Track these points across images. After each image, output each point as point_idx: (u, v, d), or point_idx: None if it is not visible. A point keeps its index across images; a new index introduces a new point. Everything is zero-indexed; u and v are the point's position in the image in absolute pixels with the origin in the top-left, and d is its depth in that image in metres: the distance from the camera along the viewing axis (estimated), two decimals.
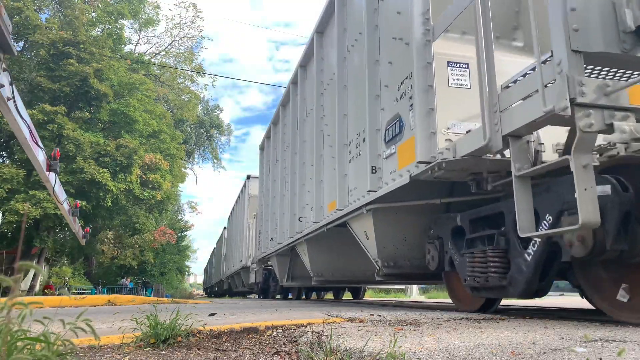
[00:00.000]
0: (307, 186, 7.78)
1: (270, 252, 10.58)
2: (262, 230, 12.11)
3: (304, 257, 8.21)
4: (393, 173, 4.48)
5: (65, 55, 20.51)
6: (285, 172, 9.50)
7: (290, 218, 8.65)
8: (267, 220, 11.46)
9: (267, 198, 11.56)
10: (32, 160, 7.67)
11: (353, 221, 5.76)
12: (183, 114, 32.62)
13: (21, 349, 1.53)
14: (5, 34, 4.62)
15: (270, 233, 10.68)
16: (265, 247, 11.54)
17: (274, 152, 11.11)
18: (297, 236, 8.08)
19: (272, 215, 10.72)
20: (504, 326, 3.08)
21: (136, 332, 2.77)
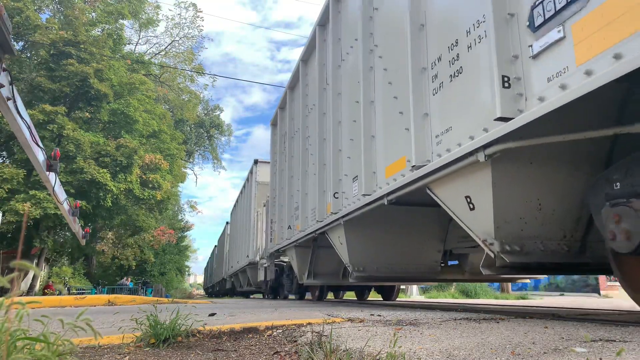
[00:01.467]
0: (345, 151, 6.04)
1: (287, 243, 9.16)
2: (276, 218, 10.59)
3: (339, 246, 6.48)
4: (561, 76, 2.55)
5: (65, 55, 20.52)
6: (309, 142, 7.91)
7: (317, 198, 7.04)
8: (282, 205, 10.03)
9: (281, 180, 10.12)
10: (32, 160, 7.67)
11: (441, 184, 3.81)
12: (183, 114, 32.65)
13: (21, 349, 1.53)
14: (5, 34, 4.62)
15: (287, 220, 9.24)
16: (279, 237, 10.10)
17: (290, 123, 9.53)
18: (330, 219, 6.39)
19: (289, 199, 9.21)
20: (504, 326, 3.08)
21: (136, 332, 2.77)
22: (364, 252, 6.18)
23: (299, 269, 8.84)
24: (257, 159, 16.34)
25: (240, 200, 20.38)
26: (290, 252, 9.33)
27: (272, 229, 11.17)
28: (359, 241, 6.16)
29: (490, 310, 5.55)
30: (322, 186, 6.89)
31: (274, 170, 11.24)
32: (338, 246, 6.51)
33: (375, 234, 6.14)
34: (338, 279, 8.51)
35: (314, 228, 7.22)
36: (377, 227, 6.10)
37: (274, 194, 11.05)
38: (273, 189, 11.16)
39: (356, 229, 6.10)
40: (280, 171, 10.38)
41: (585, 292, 20.58)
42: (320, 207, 6.89)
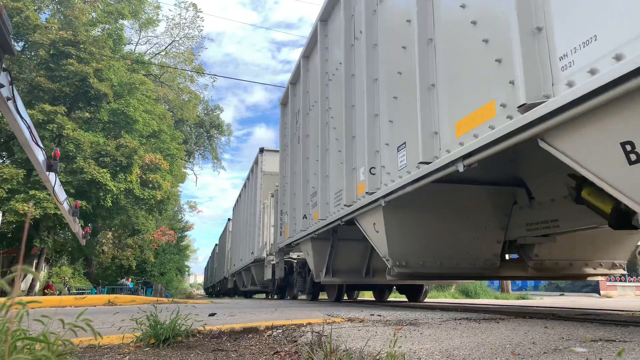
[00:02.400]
0: (384, 114, 4.85)
1: (302, 235, 8.04)
2: (287, 209, 9.35)
3: (374, 235, 5.29)
4: None
5: (65, 55, 20.53)
6: (330, 115, 6.79)
7: (344, 178, 5.77)
8: (294, 193, 8.93)
9: (294, 164, 8.98)
10: (32, 160, 7.66)
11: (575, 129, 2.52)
12: (183, 114, 32.65)
13: (21, 349, 1.53)
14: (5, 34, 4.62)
15: (302, 209, 8.11)
16: (291, 230, 8.89)
17: (305, 97, 8.30)
18: (363, 202, 5.19)
19: (304, 185, 8.09)
20: (504, 326, 3.08)
21: (136, 332, 2.77)
22: (407, 242, 5.03)
23: (316, 266, 7.76)
24: (263, 147, 15.21)
25: (243, 195, 19.33)
26: (305, 246, 8.24)
27: (281, 221, 10.10)
28: (401, 229, 5.00)
29: (490, 310, 5.55)
30: (351, 163, 5.63)
31: (284, 155, 10.14)
32: (373, 235, 5.29)
33: (422, 219, 5.00)
34: (360, 276, 7.70)
35: (338, 215, 6.04)
36: (425, 211, 5.00)
37: (284, 182, 9.92)
38: (283, 176, 10.03)
39: (399, 213, 4.95)
40: (292, 155, 9.15)
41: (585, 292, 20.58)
42: (348, 188, 5.64)
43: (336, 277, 7.68)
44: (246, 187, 18.40)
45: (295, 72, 9.20)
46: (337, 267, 7.69)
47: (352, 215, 5.67)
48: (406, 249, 5.04)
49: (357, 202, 5.37)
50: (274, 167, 13.76)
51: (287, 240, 9.32)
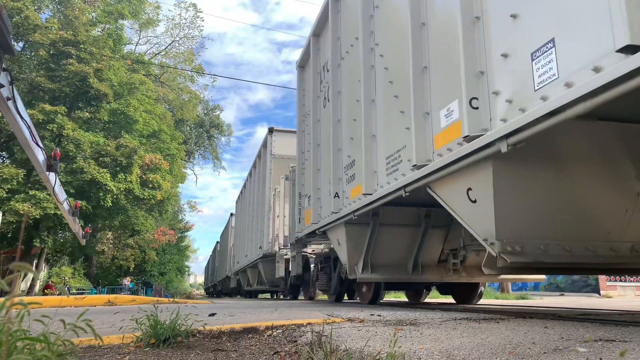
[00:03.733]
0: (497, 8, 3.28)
1: (331, 220, 6.61)
2: (309, 189, 7.86)
3: (466, 206, 3.67)
4: None
5: (65, 55, 20.54)
6: (380, 51, 5.33)
7: (412, 131, 4.23)
8: (317, 170, 7.59)
9: (318, 134, 7.68)
10: (32, 160, 7.67)
11: None
12: (183, 114, 32.66)
13: (21, 349, 1.53)
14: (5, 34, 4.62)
15: (332, 186, 6.62)
16: (315, 215, 7.48)
17: (335, 46, 6.88)
18: (453, 155, 3.59)
19: (334, 156, 6.63)
20: (504, 326, 3.08)
21: (136, 332, 2.77)
22: (523, 216, 3.43)
23: (350, 258, 6.27)
24: (273, 127, 13.69)
25: (249, 185, 17.73)
26: (335, 233, 6.78)
27: (300, 207, 8.61)
28: (516, 195, 3.42)
29: (490, 310, 5.55)
30: (422, 106, 4.12)
31: (302, 127, 8.79)
32: (463, 207, 3.70)
33: (546, 180, 3.45)
34: (405, 272, 6.35)
35: (396, 184, 4.63)
36: (550, 166, 3.46)
37: (303, 159, 8.63)
38: (302, 152, 8.72)
39: (516, 170, 3.40)
40: (315, 123, 7.78)
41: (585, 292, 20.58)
42: (418, 143, 4.08)
43: (376, 273, 6.22)
44: (252, 176, 16.86)
45: (320, 19, 7.78)
46: (377, 261, 6.25)
47: (422, 181, 4.13)
48: (521, 227, 3.42)
49: (436, 160, 3.85)
50: (286, 149, 12.69)
51: (309, 227, 7.73)
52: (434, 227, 6.22)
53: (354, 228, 6.27)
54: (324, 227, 7.15)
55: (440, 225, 6.26)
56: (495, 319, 3.77)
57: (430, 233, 6.25)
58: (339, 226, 6.53)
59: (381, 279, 6.60)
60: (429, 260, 6.49)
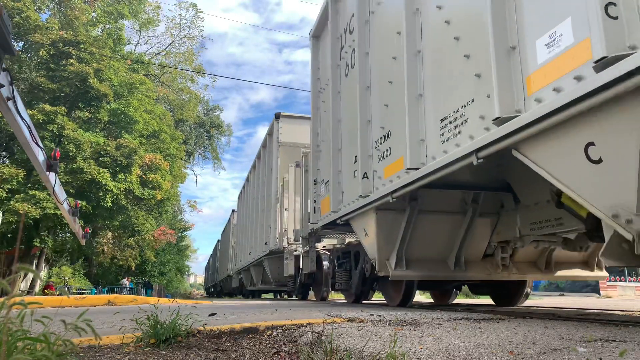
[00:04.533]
0: None
1: (358, 207, 5.65)
2: (328, 173, 6.88)
3: (619, 159, 2.46)
4: None
5: (66, 55, 20.55)
6: None
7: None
8: (338, 150, 6.61)
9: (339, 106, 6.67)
10: (32, 160, 7.67)
11: None
12: (183, 114, 32.67)
13: (21, 349, 1.53)
14: (5, 34, 4.62)
15: (360, 166, 5.56)
16: (335, 202, 6.51)
17: None
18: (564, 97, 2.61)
19: (362, 129, 5.59)
20: (504, 326, 3.08)
21: (136, 332, 2.77)
22: None
23: (380, 251, 5.37)
24: (280, 112, 12.50)
25: (253, 177, 16.65)
26: (361, 222, 5.82)
27: (315, 194, 7.72)
28: None
29: (490, 310, 5.55)
30: (504, 39, 3.17)
31: (317, 104, 7.79)
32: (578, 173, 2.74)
33: None
34: (446, 268, 5.48)
35: (464, 150, 3.55)
36: None
37: (318, 141, 7.71)
38: (317, 133, 7.76)
39: None
40: (334, 96, 6.80)
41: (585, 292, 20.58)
42: (501, 90, 3.12)
43: (412, 269, 5.30)
44: (256, 169, 15.86)
45: None
46: (413, 255, 5.35)
47: (506, 142, 3.14)
48: None
49: (532, 109, 2.88)
50: (295, 136, 11.93)
51: (327, 217, 6.86)
52: (481, 215, 5.37)
53: (386, 215, 5.28)
54: (346, 216, 6.10)
55: (488, 212, 5.43)
56: (495, 319, 3.77)
57: (477, 222, 5.37)
58: (368, 213, 5.49)
59: (418, 277, 5.53)
60: (473, 254, 5.59)
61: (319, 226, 7.53)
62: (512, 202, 5.26)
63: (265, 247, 12.64)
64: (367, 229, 5.68)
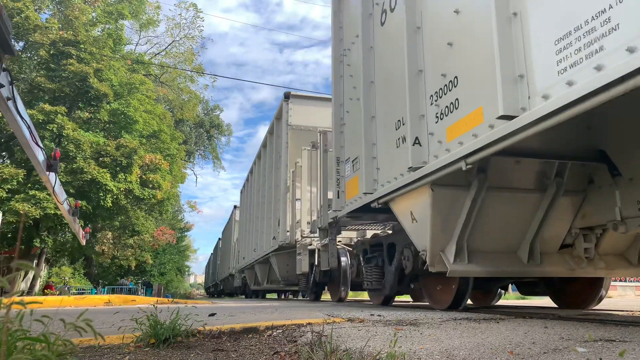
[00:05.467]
0: None
1: (406, 182, 4.40)
2: (359, 148, 5.63)
3: None
4: None
5: (65, 55, 20.54)
6: None
7: None
8: (372, 117, 5.46)
9: (371, 64, 5.58)
10: (32, 160, 7.67)
11: None
12: (183, 114, 32.67)
13: (21, 349, 1.53)
14: (5, 34, 4.62)
15: (410, 129, 4.29)
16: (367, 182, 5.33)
17: None
18: None
19: (411, 82, 4.37)
20: (504, 326, 3.08)
21: (136, 332, 2.77)
22: None
23: (434, 240, 4.28)
24: (289, 92, 11.39)
25: (257, 168, 15.58)
26: (408, 202, 4.61)
27: (339, 176, 6.58)
28: None
29: (490, 310, 5.55)
30: None
31: (339, 71, 6.73)
32: None
33: None
34: (518, 262, 4.42)
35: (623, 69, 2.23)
36: None
37: (341, 113, 6.59)
38: (340, 104, 6.67)
39: None
40: (366, 53, 5.65)
41: None
42: None
43: (476, 263, 4.24)
44: (261, 158, 14.67)
45: None
46: (477, 244, 4.30)
47: None
48: None
49: None
50: (307, 119, 10.86)
51: (358, 201, 5.70)
52: (566, 193, 4.25)
53: (446, 193, 4.13)
54: (385, 197, 4.96)
55: (573, 190, 4.32)
56: (495, 319, 3.77)
57: (560, 202, 4.26)
58: (419, 191, 4.32)
59: (483, 273, 4.37)
60: (550, 244, 4.53)
61: (343, 213, 6.30)
62: (607, 176, 4.14)
63: (274, 242, 11.49)
64: (416, 211, 4.48)
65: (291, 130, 11.02)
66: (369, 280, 6.72)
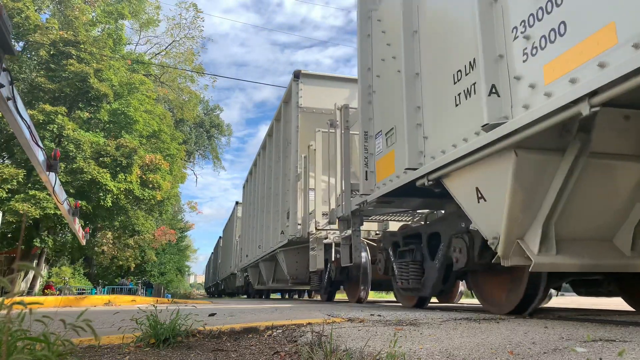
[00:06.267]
0: None
1: (476, 148, 3.41)
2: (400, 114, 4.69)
3: None
4: None
5: (66, 56, 20.55)
6: None
7: None
8: (415, 74, 4.51)
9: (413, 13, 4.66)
10: (32, 160, 7.67)
11: None
12: (183, 114, 32.69)
13: (21, 349, 1.53)
14: (5, 34, 4.62)
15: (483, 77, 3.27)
16: (413, 154, 4.41)
17: None
18: None
19: (483, 15, 3.37)
20: (504, 326, 3.08)
21: (136, 332, 2.77)
22: None
23: (512, 223, 3.28)
24: (299, 70, 10.18)
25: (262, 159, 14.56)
26: (477, 175, 3.60)
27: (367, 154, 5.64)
28: None
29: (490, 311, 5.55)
30: None
31: (366, 28, 5.89)
32: None
33: None
34: (617, 254, 3.44)
35: None
36: None
37: (369, 80, 5.72)
38: (367, 68, 5.77)
39: None
40: None
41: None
42: None
43: (568, 253, 3.29)
44: (267, 148, 13.68)
45: None
46: (566, 230, 3.33)
47: None
48: None
49: None
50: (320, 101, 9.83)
51: (395, 180, 4.75)
52: None
53: (534, 159, 3.14)
54: (437, 172, 3.97)
55: None
56: (496, 319, 3.77)
57: None
58: (493, 158, 3.31)
59: (577, 267, 3.31)
60: None
61: (374, 197, 5.38)
62: None
63: (282, 237, 10.51)
64: (486, 186, 3.47)
65: (302, 113, 9.86)
66: (405, 278, 5.63)
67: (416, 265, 5.53)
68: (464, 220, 4.27)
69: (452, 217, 4.47)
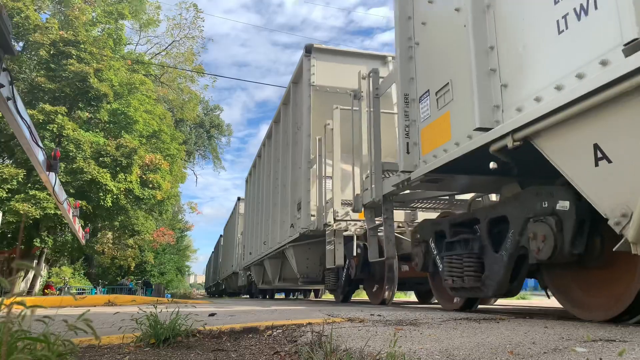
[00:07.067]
0: None
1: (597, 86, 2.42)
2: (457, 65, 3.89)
3: None
4: None
5: (66, 55, 20.54)
6: None
7: None
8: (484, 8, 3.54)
9: None
10: (32, 160, 7.68)
11: None
12: (183, 114, 32.68)
13: (21, 349, 1.53)
14: (5, 34, 4.62)
15: None
16: (485, 111, 3.36)
17: None
18: None
19: None
20: (504, 326, 3.08)
21: (136, 332, 2.77)
22: None
23: None
24: (312, 44, 9.01)
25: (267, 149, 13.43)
26: (593, 127, 2.60)
27: (408, 121, 4.70)
28: None
29: (490, 310, 5.55)
30: None
31: None
32: None
33: None
34: None
35: None
36: None
37: (409, 30, 4.79)
38: (407, 17, 4.82)
39: None
40: None
41: None
42: None
43: None
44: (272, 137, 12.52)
45: None
46: None
47: None
48: None
49: None
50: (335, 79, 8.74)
51: (458, 149, 3.81)
52: None
53: None
54: (527, 128, 3.04)
55: None
56: (495, 319, 3.77)
57: None
58: (628, 101, 2.39)
59: None
60: None
61: (418, 174, 4.46)
62: None
63: (292, 231, 9.45)
64: (614, 141, 2.53)
65: (315, 92, 8.67)
66: (457, 276, 4.56)
67: (473, 259, 4.38)
68: (546, 199, 3.35)
69: (526, 195, 3.57)
